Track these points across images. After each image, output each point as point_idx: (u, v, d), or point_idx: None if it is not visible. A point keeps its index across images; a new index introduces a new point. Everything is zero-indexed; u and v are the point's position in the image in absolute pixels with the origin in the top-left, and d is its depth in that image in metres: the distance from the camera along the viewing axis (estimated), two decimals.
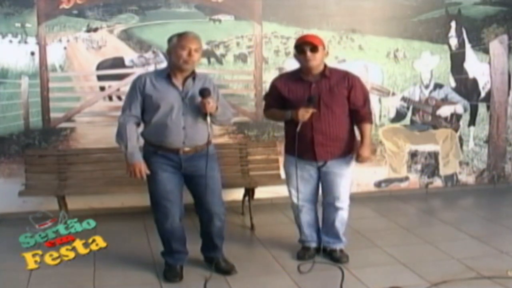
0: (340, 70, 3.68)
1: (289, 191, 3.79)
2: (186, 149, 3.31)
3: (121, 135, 3.31)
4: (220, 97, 3.43)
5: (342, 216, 3.74)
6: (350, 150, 3.62)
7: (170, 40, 3.29)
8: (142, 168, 3.28)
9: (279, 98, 3.62)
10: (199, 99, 3.22)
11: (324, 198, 3.76)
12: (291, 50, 5.17)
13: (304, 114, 3.43)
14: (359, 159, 3.60)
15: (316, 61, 3.47)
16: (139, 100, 3.29)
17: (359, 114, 3.60)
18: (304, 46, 3.45)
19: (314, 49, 3.44)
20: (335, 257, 3.74)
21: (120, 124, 3.33)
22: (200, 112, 3.25)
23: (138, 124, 3.37)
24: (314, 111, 3.45)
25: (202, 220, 3.52)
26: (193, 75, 3.31)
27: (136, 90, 3.30)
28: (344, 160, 3.62)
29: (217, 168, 3.48)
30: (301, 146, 3.50)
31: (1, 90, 4.74)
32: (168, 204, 3.36)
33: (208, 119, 3.24)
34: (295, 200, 3.75)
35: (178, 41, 3.22)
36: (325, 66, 3.57)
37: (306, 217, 3.79)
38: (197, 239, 3.62)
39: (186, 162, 3.33)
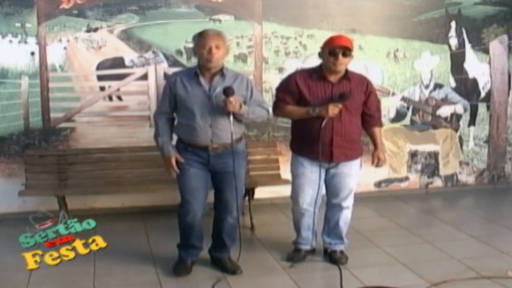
0: (358, 73, 3.61)
1: (295, 193, 3.68)
2: (215, 146, 3.36)
3: (155, 132, 3.48)
4: (254, 95, 3.43)
5: (346, 216, 3.73)
6: (360, 152, 3.65)
7: (194, 39, 3.36)
8: (173, 159, 3.36)
9: (296, 95, 3.50)
10: (223, 97, 3.23)
11: (330, 199, 3.72)
12: (291, 50, 5.22)
13: (335, 109, 3.36)
14: (380, 162, 3.63)
15: (345, 65, 3.43)
16: (169, 98, 3.40)
17: (373, 119, 3.63)
18: (338, 50, 3.35)
19: (346, 53, 3.37)
20: (334, 258, 3.72)
21: (154, 122, 3.51)
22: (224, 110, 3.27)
23: (170, 120, 3.47)
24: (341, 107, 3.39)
25: (216, 217, 3.56)
26: (221, 72, 3.32)
27: (166, 89, 3.43)
28: (354, 162, 3.62)
29: (243, 166, 3.55)
30: (318, 146, 3.44)
31: (1, 90, 4.73)
32: (192, 199, 3.41)
33: (231, 117, 3.25)
34: (302, 203, 3.66)
35: (199, 40, 3.28)
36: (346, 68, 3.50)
37: (308, 220, 3.72)
38: (207, 241, 3.65)
39: (214, 159, 3.39)
